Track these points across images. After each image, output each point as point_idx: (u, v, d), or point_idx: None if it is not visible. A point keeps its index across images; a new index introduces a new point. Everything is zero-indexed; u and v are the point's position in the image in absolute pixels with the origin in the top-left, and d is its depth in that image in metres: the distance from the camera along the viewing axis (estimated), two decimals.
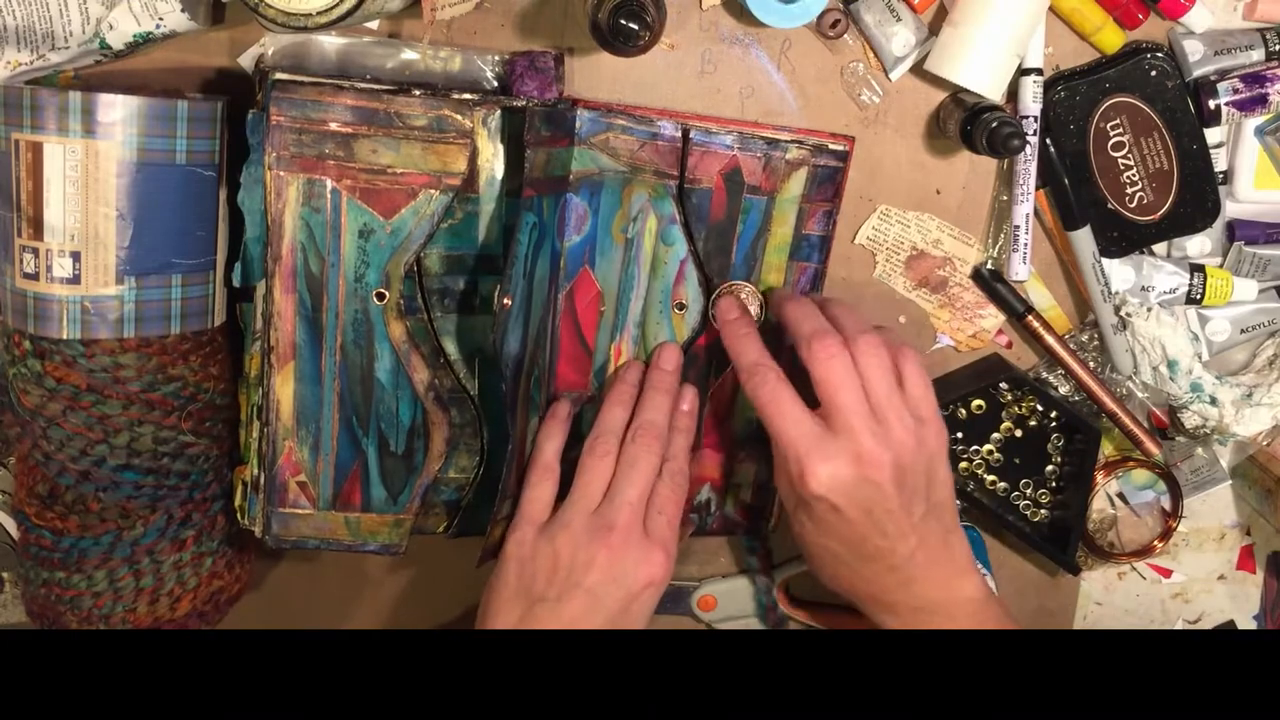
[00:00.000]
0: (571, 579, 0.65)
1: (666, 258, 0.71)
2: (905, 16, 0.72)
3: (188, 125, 0.63)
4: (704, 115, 0.71)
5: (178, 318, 0.65)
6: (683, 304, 0.72)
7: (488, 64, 0.70)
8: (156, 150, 0.63)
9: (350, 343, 0.68)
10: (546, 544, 0.66)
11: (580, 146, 0.68)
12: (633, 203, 0.70)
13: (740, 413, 0.75)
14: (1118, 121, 0.74)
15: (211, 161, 0.65)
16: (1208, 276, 0.78)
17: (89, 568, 0.67)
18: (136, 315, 0.64)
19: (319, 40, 0.69)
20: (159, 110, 0.62)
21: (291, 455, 0.69)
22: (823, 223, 0.72)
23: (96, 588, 0.67)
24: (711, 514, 0.76)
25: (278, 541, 0.71)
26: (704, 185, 0.70)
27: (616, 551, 0.65)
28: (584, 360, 0.73)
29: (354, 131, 0.65)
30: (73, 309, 0.63)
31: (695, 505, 0.76)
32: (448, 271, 0.70)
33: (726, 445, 0.75)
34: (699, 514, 0.76)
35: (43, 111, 0.61)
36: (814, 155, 0.71)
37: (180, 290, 0.65)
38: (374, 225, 0.67)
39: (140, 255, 0.63)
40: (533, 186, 0.67)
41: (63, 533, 0.66)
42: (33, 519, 0.67)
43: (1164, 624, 0.90)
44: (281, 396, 0.68)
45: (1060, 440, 0.80)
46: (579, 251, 0.71)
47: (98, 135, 0.61)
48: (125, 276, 0.63)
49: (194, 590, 0.70)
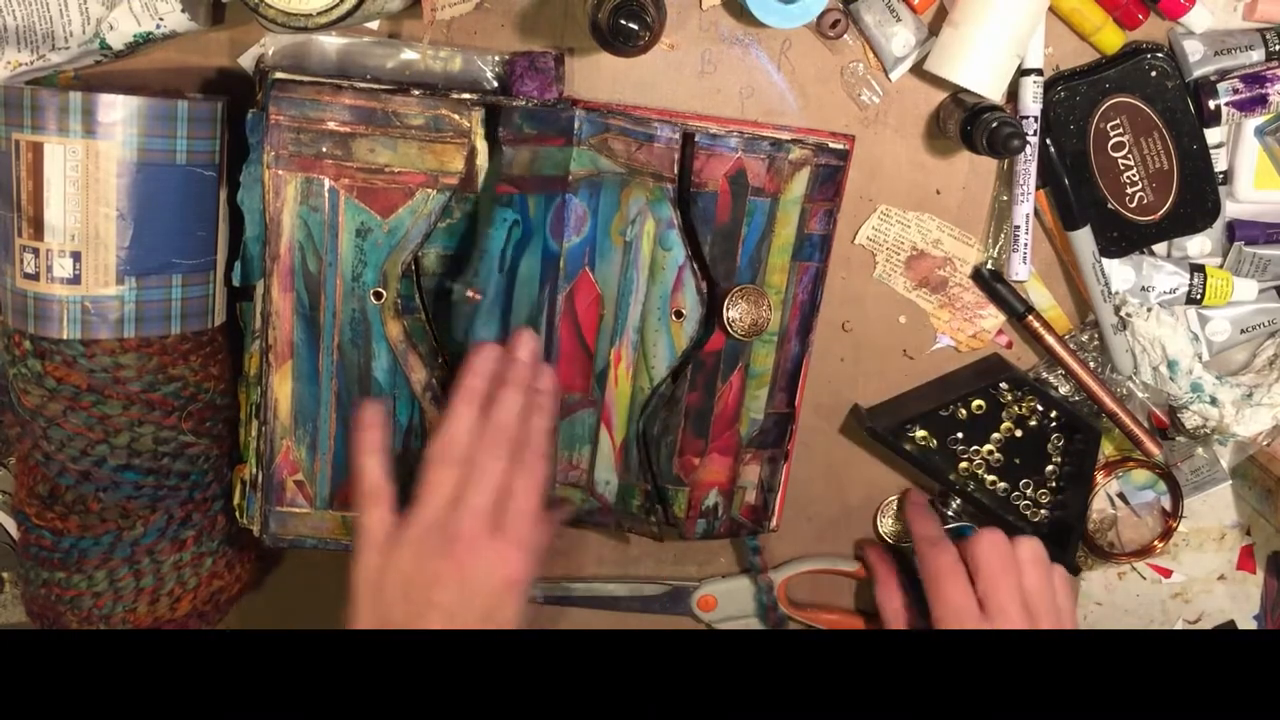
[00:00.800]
0: (424, 598, 0.60)
1: (665, 263, 0.71)
2: (905, 16, 0.72)
3: (188, 125, 0.63)
4: (703, 115, 0.71)
5: (178, 318, 0.65)
6: (681, 312, 0.72)
7: (488, 64, 0.70)
8: (157, 150, 0.63)
9: (348, 342, 0.68)
10: (392, 567, 0.61)
11: (580, 147, 0.68)
12: (630, 205, 0.70)
13: (745, 416, 0.75)
14: (1118, 121, 0.74)
15: (212, 162, 0.65)
16: (1208, 276, 0.78)
17: (89, 568, 0.67)
18: (137, 315, 0.64)
19: (319, 40, 0.69)
20: (159, 110, 0.62)
21: (289, 454, 0.69)
22: (824, 222, 0.72)
23: (97, 588, 0.67)
24: (719, 518, 0.76)
25: (275, 540, 0.71)
26: (709, 189, 0.70)
27: (464, 563, 0.60)
28: (585, 362, 0.73)
29: (352, 131, 0.65)
30: (73, 309, 0.63)
31: (703, 510, 0.76)
32: (445, 271, 0.70)
33: (733, 449, 0.75)
34: (706, 518, 0.76)
35: (43, 112, 0.61)
36: (816, 155, 0.71)
37: (180, 290, 0.65)
38: (371, 224, 0.67)
39: (141, 255, 0.63)
40: (513, 184, 0.67)
41: (63, 533, 0.66)
42: (33, 519, 0.67)
43: (1164, 624, 0.90)
44: (279, 395, 0.68)
45: (1060, 440, 0.80)
46: (579, 253, 0.70)
47: (98, 135, 0.61)
48: (126, 277, 0.63)
49: (194, 590, 0.70)
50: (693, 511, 0.75)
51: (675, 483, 0.74)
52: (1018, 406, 0.79)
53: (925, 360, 0.80)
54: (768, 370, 0.74)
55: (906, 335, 0.79)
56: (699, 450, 0.74)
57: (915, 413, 0.79)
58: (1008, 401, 0.79)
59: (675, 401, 0.73)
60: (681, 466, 0.74)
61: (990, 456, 0.80)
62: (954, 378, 0.80)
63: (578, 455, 0.74)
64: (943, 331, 0.80)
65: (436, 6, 0.65)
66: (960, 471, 0.80)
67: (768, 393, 0.74)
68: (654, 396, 0.73)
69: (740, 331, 0.71)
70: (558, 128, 0.68)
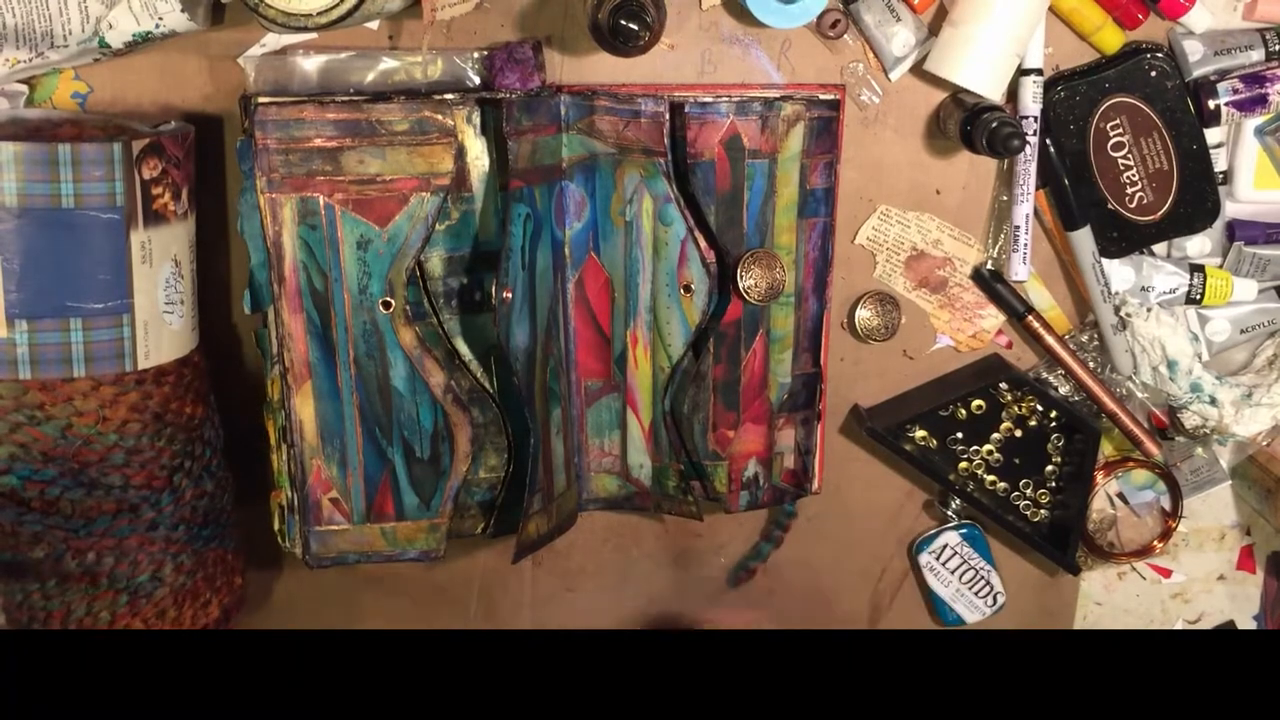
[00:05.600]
0: None
1: (667, 238, 0.71)
2: (905, 17, 0.72)
3: (73, 169, 0.62)
4: (688, 84, 0.71)
5: (81, 361, 0.64)
6: (689, 286, 0.71)
7: (469, 63, 0.70)
8: (39, 195, 0.62)
9: (363, 355, 0.69)
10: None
11: (569, 132, 0.68)
12: (626, 184, 0.70)
13: (773, 381, 0.74)
14: (1118, 121, 0.74)
15: (110, 205, 0.64)
16: (1207, 276, 0.78)
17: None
18: (32, 358, 0.63)
19: (299, 62, 0.69)
20: (38, 155, 0.61)
21: (320, 473, 0.70)
22: (825, 175, 0.72)
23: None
24: (761, 487, 0.76)
25: (318, 561, 0.71)
26: (706, 158, 0.69)
27: None
28: (603, 348, 0.73)
29: (339, 144, 0.65)
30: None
31: (744, 482, 0.75)
32: (450, 272, 0.70)
33: (766, 416, 0.75)
34: (749, 490, 0.76)
35: None
36: (808, 109, 0.70)
37: (82, 334, 0.64)
38: (370, 235, 0.67)
39: (30, 299, 0.62)
40: (520, 177, 0.67)
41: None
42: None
43: (1164, 624, 0.90)
44: (303, 416, 0.69)
45: (1060, 440, 0.80)
46: (582, 238, 0.71)
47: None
48: (16, 320, 0.62)
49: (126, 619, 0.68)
50: (734, 485, 0.75)
51: (713, 458, 0.74)
52: (1018, 406, 0.79)
53: (925, 360, 0.80)
54: (789, 332, 0.74)
55: (906, 335, 0.79)
56: (732, 423, 0.74)
57: (915, 413, 0.79)
58: (1007, 401, 0.79)
59: (701, 377, 0.73)
60: (717, 441, 0.74)
61: (990, 456, 0.80)
62: (954, 378, 0.80)
63: (609, 442, 0.74)
64: (942, 331, 0.80)
65: (436, 7, 0.65)
66: (960, 471, 0.80)
67: (792, 355, 0.74)
68: (675, 374, 0.72)
69: (757, 297, 0.71)
70: (548, 115, 0.68)
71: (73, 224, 0.63)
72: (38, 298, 0.63)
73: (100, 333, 0.64)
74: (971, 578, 0.83)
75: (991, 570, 0.83)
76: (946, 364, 0.81)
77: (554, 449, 0.73)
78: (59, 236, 0.62)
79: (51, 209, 0.62)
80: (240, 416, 0.74)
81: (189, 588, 0.70)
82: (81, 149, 0.62)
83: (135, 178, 0.64)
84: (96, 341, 0.64)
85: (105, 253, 0.64)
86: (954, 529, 0.82)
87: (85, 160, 0.62)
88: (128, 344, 0.65)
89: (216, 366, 0.72)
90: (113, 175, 0.63)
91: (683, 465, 0.73)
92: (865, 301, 0.77)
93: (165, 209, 0.65)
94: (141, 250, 0.65)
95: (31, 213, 0.62)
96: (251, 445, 0.75)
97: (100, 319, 0.64)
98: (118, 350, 0.65)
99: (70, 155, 0.62)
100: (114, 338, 0.65)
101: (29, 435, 0.64)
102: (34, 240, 0.62)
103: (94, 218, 0.63)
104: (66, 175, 0.62)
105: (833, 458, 0.81)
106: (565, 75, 0.72)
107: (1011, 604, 0.84)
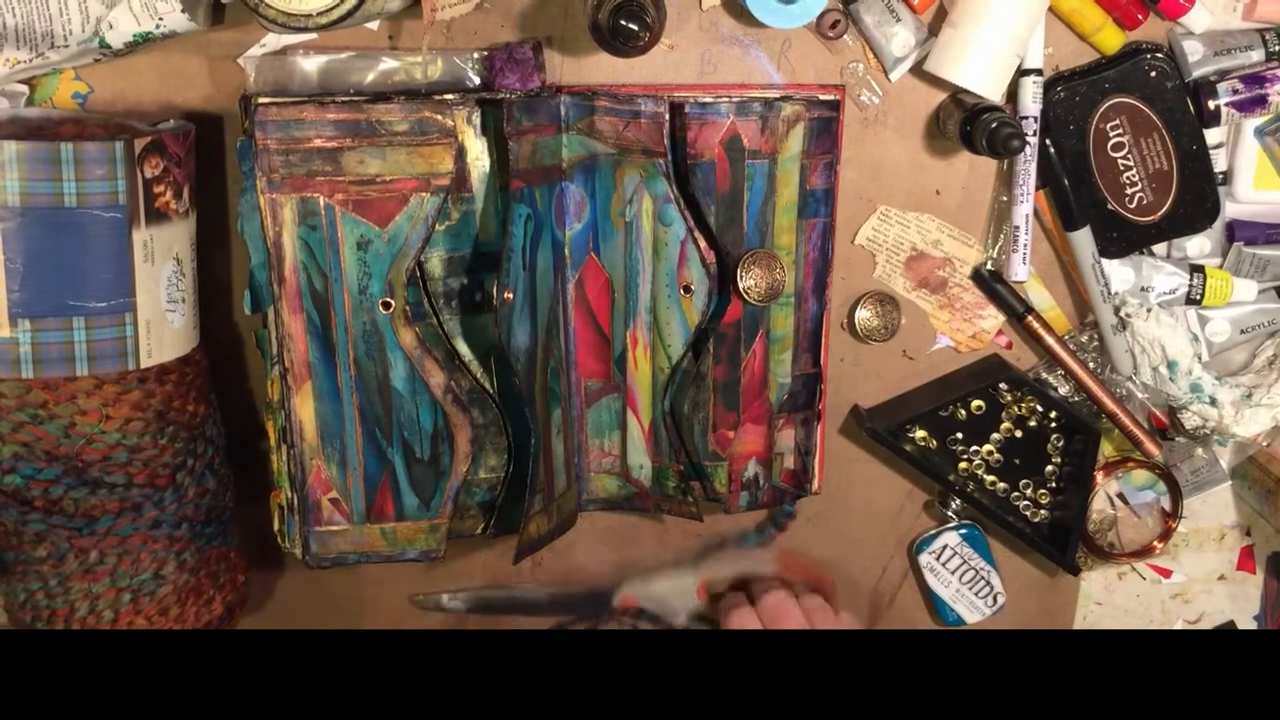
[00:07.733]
0: None
1: (666, 239, 0.71)
2: (905, 17, 0.72)
3: (75, 168, 0.62)
4: (688, 85, 0.71)
5: (84, 359, 0.64)
6: (689, 286, 0.71)
7: (468, 63, 0.70)
8: (41, 194, 0.62)
9: (363, 355, 0.69)
10: None
11: (569, 133, 0.68)
12: (626, 185, 0.70)
13: (773, 382, 0.75)
14: (1117, 122, 0.74)
15: (114, 203, 0.64)
16: (1207, 277, 0.78)
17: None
18: (35, 357, 0.63)
19: (299, 62, 0.69)
20: (39, 154, 0.61)
21: (320, 473, 0.70)
22: (825, 175, 0.72)
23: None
24: (761, 488, 0.76)
25: (318, 561, 0.71)
26: (706, 158, 0.69)
27: None
28: (602, 348, 0.73)
29: (339, 145, 0.65)
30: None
31: (744, 482, 0.75)
32: (450, 273, 0.70)
33: (766, 417, 0.75)
34: (749, 490, 0.76)
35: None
36: (808, 109, 0.70)
37: (85, 332, 0.64)
38: (370, 235, 0.67)
39: (33, 298, 0.62)
40: (521, 178, 0.67)
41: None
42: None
43: (1164, 624, 0.90)
44: (303, 416, 0.69)
45: (1060, 440, 0.80)
46: (582, 239, 0.71)
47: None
48: (19, 319, 0.62)
49: (128, 618, 0.68)
50: (734, 485, 0.75)
51: (713, 459, 0.75)
52: (1017, 407, 0.79)
53: (925, 360, 0.80)
54: (789, 333, 0.74)
55: (906, 336, 0.79)
56: (732, 423, 0.74)
57: (915, 413, 0.79)
58: (1007, 402, 0.79)
59: (701, 377, 0.73)
60: (717, 441, 0.74)
61: (990, 457, 0.80)
62: (954, 378, 0.80)
63: (609, 442, 0.75)
64: (943, 332, 0.80)
65: (436, 7, 0.65)
66: (960, 472, 0.80)
67: (791, 355, 0.74)
68: (675, 374, 0.72)
69: (757, 297, 0.71)
70: (548, 116, 0.68)
71: (75, 223, 0.63)
72: (40, 297, 0.63)
73: (103, 331, 0.64)
74: (971, 578, 0.83)
75: (991, 570, 0.83)
76: (946, 364, 0.81)
77: (554, 449, 0.73)
78: (61, 235, 0.62)
79: (54, 208, 0.62)
80: (240, 416, 0.74)
81: (192, 585, 0.70)
82: (84, 148, 0.62)
83: (137, 176, 0.64)
84: (99, 340, 0.64)
85: (108, 251, 0.64)
86: (954, 529, 0.82)
87: (87, 159, 0.62)
88: (130, 342, 0.65)
89: (217, 366, 0.72)
90: (115, 174, 0.63)
91: (683, 466, 0.74)
92: (865, 302, 0.77)
93: (167, 207, 0.65)
94: (144, 249, 0.65)
95: (34, 212, 0.62)
96: (252, 445, 0.75)
97: (103, 317, 0.64)
98: (120, 349, 0.65)
99: (73, 154, 0.62)
100: (116, 336, 0.65)
101: (32, 434, 0.64)
102: (37, 239, 0.62)
103: (96, 216, 0.63)
104: (69, 174, 0.62)
105: (833, 458, 0.81)
106: (565, 75, 0.72)
107: (1011, 604, 0.84)
